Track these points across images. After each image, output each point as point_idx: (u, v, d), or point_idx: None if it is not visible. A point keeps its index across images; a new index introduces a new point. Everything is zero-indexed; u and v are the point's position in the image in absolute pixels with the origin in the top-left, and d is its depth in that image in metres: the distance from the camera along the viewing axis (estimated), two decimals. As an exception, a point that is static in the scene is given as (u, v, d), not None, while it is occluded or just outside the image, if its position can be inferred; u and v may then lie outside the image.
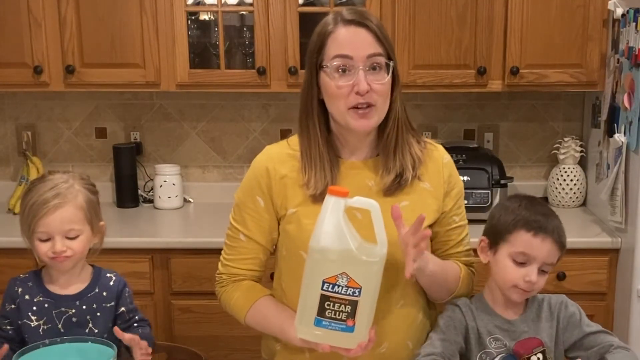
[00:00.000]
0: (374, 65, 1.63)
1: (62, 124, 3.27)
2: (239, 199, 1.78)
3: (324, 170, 1.68)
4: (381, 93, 1.64)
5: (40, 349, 1.65)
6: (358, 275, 1.49)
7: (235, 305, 1.77)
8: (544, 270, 1.64)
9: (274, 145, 1.81)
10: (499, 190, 2.83)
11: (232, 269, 1.79)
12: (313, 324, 1.51)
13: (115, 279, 1.86)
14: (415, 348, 1.73)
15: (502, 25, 2.79)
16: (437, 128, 3.23)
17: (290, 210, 1.71)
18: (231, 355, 2.73)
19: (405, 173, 1.69)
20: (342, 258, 1.49)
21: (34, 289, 1.79)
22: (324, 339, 1.53)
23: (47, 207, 1.72)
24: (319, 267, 1.50)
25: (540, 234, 1.62)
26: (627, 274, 2.53)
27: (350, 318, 1.50)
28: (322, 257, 1.49)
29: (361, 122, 1.64)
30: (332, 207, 1.50)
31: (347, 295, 1.49)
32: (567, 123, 3.21)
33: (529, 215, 1.64)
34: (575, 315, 1.70)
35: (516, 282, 1.63)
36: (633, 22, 2.50)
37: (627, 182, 2.56)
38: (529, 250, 1.62)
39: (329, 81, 1.64)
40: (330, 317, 1.51)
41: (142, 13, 2.82)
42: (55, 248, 1.73)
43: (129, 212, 3.13)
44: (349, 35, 1.63)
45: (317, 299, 1.50)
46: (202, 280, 2.64)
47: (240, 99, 3.23)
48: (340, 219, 1.49)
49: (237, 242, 1.78)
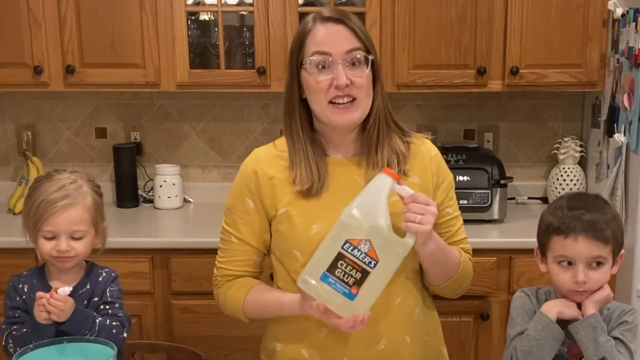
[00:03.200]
0: (353, 61, 1.65)
1: (62, 124, 3.27)
2: (229, 203, 1.80)
3: (310, 167, 1.70)
4: (361, 87, 1.65)
5: (40, 349, 1.65)
6: (381, 249, 1.49)
7: (232, 298, 1.77)
8: (594, 265, 1.63)
9: (261, 147, 1.84)
10: (499, 190, 2.83)
11: (226, 271, 1.79)
12: (319, 278, 1.50)
13: (105, 274, 1.86)
14: (413, 344, 1.73)
15: (502, 25, 2.79)
16: (437, 128, 3.22)
17: (281, 210, 1.72)
18: (231, 355, 2.73)
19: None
20: (372, 228, 1.49)
21: (38, 286, 1.79)
22: (322, 297, 1.51)
23: (57, 207, 1.73)
24: (347, 228, 1.50)
25: (571, 234, 1.62)
26: (627, 274, 2.52)
27: (356, 285, 1.49)
28: (353, 222, 1.50)
29: (343, 116, 1.66)
30: (379, 184, 1.54)
31: (362, 262, 1.49)
32: (567, 123, 3.21)
33: (558, 220, 1.64)
34: (626, 323, 1.66)
35: (568, 284, 1.64)
36: (633, 22, 2.50)
37: (627, 182, 2.56)
38: (565, 252, 1.63)
39: (309, 77, 1.66)
40: (337, 277, 1.49)
41: (142, 13, 2.82)
42: (60, 247, 1.74)
43: (129, 212, 3.13)
44: (327, 33, 1.65)
45: (333, 255, 1.49)
46: (202, 280, 2.64)
47: (240, 99, 3.23)
48: (382, 197, 1.51)
49: (230, 245, 1.79)
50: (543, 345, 1.61)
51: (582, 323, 1.61)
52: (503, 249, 2.65)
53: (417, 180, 1.74)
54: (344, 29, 1.65)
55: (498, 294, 2.68)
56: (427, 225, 1.55)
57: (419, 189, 1.71)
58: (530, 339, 1.62)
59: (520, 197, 3.21)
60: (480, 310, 2.69)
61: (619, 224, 1.67)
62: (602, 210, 1.65)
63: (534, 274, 2.57)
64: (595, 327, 1.59)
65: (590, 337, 1.59)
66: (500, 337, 2.68)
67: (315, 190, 1.69)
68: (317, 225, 1.68)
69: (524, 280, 2.62)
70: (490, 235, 2.73)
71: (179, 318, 2.73)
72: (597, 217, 1.63)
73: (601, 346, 1.58)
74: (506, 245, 2.65)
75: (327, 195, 1.70)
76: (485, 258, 2.63)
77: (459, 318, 2.68)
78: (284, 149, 1.76)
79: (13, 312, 1.79)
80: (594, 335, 1.58)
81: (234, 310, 1.78)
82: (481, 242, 2.58)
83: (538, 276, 1.83)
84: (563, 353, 1.65)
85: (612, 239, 1.63)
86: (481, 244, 2.56)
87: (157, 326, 2.73)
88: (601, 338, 1.58)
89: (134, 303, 2.53)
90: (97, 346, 1.67)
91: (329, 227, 1.64)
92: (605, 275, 1.64)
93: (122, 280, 1.91)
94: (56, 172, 1.83)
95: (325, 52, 1.64)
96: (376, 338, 1.68)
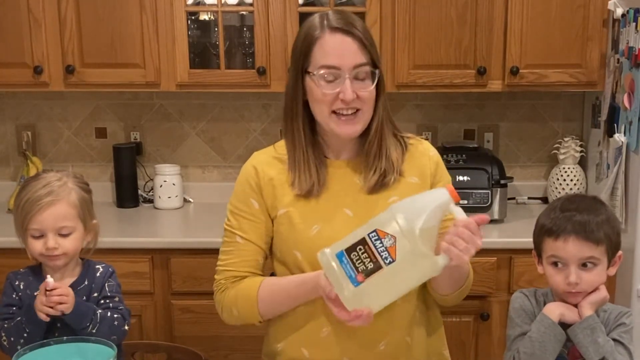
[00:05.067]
0: (359, 77, 1.65)
1: (62, 124, 3.27)
2: (233, 207, 1.78)
3: (309, 171, 1.70)
4: (366, 100, 1.66)
5: (40, 349, 1.64)
6: (403, 251, 1.47)
7: (243, 296, 1.72)
8: (586, 266, 1.63)
9: (261, 151, 1.83)
10: (498, 190, 2.83)
11: (231, 272, 1.76)
12: (335, 254, 1.50)
13: (102, 270, 1.86)
14: (414, 344, 1.73)
15: (502, 26, 2.79)
16: (437, 128, 3.23)
17: (281, 211, 1.72)
18: (231, 355, 2.73)
19: (387, 174, 1.71)
20: (406, 228, 1.47)
21: (34, 284, 1.79)
22: (329, 272, 1.50)
23: (40, 204, 1.73)
24: (384, 219, 1.50)
25: (562, 235, 1.63)
26: (627, 274, 2.52)
27: (364, 274, 1.48)
28: (392, 217, 1.49)
29: (346, 127, 1.66)
30: (436, 196, 1.53)
31: (380, 255, 1.47)
32: (567, 123, 3.21)
33: (551, 221, 1.66)
34: (623, 325, 1.66)
35: (561, 285, 1.64)
36: (633, 22, 2.50)
37: (627, 182, 2.56)
38: (557, 253, 1.64)
39: (315, 87, 1.66)
40: (351, 259, 1.49)
41: (142, 13, 2.83)
42: (48, 244, 1.74)
43: (129, 212, 3.13)
44: (335, 44, 1.64)
45: (358, 238, 1.49)
46: (202, 280, 2.64)
47: (240, 99, 3.23)
48: (432, 207, 1.50)
49: (235, 246, 1.77)
50: (546, 346, 1.61)
51: (580, 325, 1.61)
52: (503, 249, 2.65)
53: (415, 181, 1.74)
54: (352, 42, 1.64)
55: (498, 294, 2.68)
56: (467, 256, 1.52)
57: (417, 189, 1.71)
58: (533, 341, 1.62)
59: (520, 197, 3.21)
60: (480, 310, 2.69)
61: (614, 226, 1.67)
62: (595, 211, 1.66)
63: (534, 274, 2.55)
64: (594, 328, 1.59)
65: (589, 338, 1.59)
66: (500, 337, 2.68)
67: (315, 193, 1.69)
68: (318, 225, 1.68)
69: (524, 280, 2.62)
70: (490, 235, 2.73)
71: (179, 318, 2.73)
72: (588, 219, 1.63)
73: (601, 347, 1.58)
74: (506, 245, 2.65)
75: (328, 196, 1.71)
76: (485, 258, 2.63)
77: (459, 318, 2.69)
78: (283, 152, 1.76)
79: (7, 309, 1.80)
80: (592, 337, 1.58)
81: (245, 309, 1.73)
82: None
83: (538, 276, 1.83)
84: (564, 355, 1.65)
85: (604, 240, 1.63)
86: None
87: (157, 326, 2.73)
88: (600, 339, 1.58)
89: (134, 303, 2.53)
90: (97, 346, 1.66)
91: (329, 228, 1.64)
92: (599, 276, 1.65)
93: (122, 280, 1.92)
94: (43, 172, 1.85)
95: (334, 66, 1.64)
96: (377, 338, 1.68)
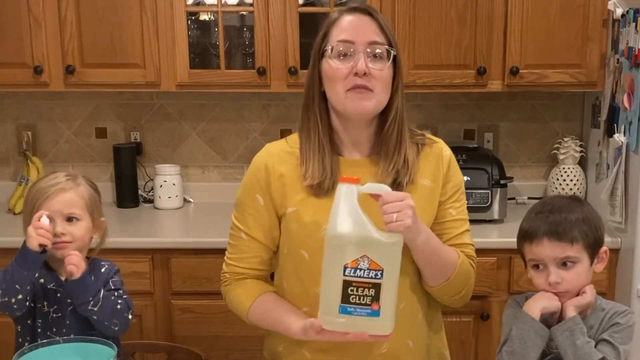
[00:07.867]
0: (375, 54, 1.64)
1: (62, 124, 3.27)
2: (239, 198, 1.79)
3: (323, 162, 1.68)
4: (380, 79, 1.64)
5: (40, 349, 1.65)
6: (379, 257, 1.48)
7: (238, 302, 1.76)
8: (565, 265, 1.63)
9: (274, 143, 1.82)
10: (498, 190, 2.83)
11: (235, 268, 1.78)
12: (338, 312, 1.48)
13: (107, 267, 1.89)
14: (416, 347, 1.73)
15: (502, 26, 2.79)
16: (437, 128, 3.22)
17: (290, 209, 1.71)
18: (231, 355, 2.73)
19: (399, 177, 1.69)
20: (361, 241, 1.47)
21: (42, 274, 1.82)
22: (350, 327, 1.50)
23: (50, 191, 1.80)
24: (338, 253, 1.48)
25: (535, 238, 1.65)
26: (627, 274, 2.53)
27: (375, 301, 1.48)
28: (340, 243, 1.48)
29: (359, 102, 1.64)
30: (345, 195, 1.50)
31: (369, 278, 1.47)
32: (567, 123, 3.21)
33: (526, 225, 1.68)
34: (617, 325, 1.65)
35: (544, 286, 1.65)
36: (633, 22, 2.50)
37: (626, 182, 2.56)
38: (534, 256, 1.66)
39: (329, 64, 1.65)
40: (355, 303, 1.47)
41: (142, 13, 2.83)
42: (56, 230, 1.77)
43: (129, 212, 3.13)
44: (352, 21, 1.66)
45: (339, 285, 1.47)
46: (202, 280, 2.64)
47: (240, 99, 3.23)
48: (354, 205, 1.49)
49: (239, 241, 1.78)
50: (526, 343, 1.62)
51: (560, 327, 1.61)
52: (503, 249, 2.65)
53: (428, 183, 1.73)
54: (370, 21, 1.66)
55: (498, 294, 2.68)
56: (407, 220, 1.51)
57: (429, 192, 1.71)
58: (513, 339, 1.64)
59: (520, 197, 3.21)
60: (480, 310, 2.69)
61: (592, 223, 1.66)
62: (570, 210, 1.66)
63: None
64: (573, 330, 1.59)
65: (568, 341, 1.59)
66: (500, 338, 2.67)
67: (326, 187, 1.67)
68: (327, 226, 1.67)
69: (524, 280, 2.62)
70: (490, 235, 2.73)
71: (179, 318, 2.72)
72: (559, 219, 1.64)
73: (579, 349, 1.57)
74: (506, 245, 2.64)
75: None
76: (485, 258, 2.62)
77: (459, 318, 2.69)
78: (295, 145, 1.75)
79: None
80: (572, 339, 1.58)
81: (238, 312, 1.78)
82: (481, 242, 2.56)
83: (538, 276, 1.86)
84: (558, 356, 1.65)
85: (580, 238, 1.63)
86: (481, 244, 2.54)
87: (157, 326, 2.73)
88: (579, 341, 1.58)
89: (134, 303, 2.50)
90: (97, 346, 1.67)
91: None
92: (581, 274, 1.65)
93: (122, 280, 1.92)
94: (53, 173, 1.91)
95: (349, 40, 1.63)
96: (378, 342, 1.67)
